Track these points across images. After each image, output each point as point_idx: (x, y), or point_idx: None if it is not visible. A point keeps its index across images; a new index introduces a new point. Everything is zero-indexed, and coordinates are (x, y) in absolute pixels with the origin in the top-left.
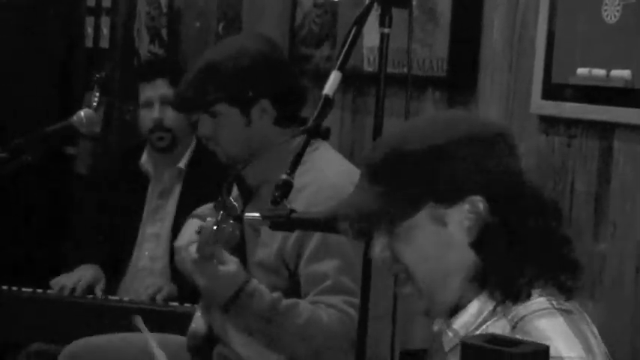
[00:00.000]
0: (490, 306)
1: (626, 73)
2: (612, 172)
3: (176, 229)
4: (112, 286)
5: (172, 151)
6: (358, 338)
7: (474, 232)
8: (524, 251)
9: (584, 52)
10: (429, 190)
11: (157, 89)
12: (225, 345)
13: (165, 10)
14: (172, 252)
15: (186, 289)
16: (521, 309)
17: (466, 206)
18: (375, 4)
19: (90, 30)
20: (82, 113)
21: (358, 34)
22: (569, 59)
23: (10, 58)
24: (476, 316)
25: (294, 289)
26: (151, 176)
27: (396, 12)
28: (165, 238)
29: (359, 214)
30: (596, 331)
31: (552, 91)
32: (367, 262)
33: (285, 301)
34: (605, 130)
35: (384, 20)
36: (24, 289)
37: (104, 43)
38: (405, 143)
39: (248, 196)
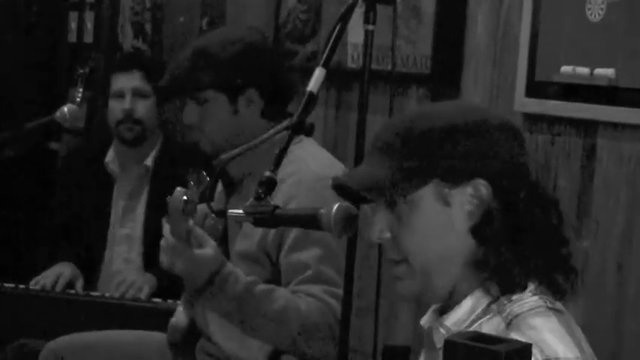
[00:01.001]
0: (484, 303)
1: (609, 72)
2: (595, 170)
3: (147, 230)
4: (86, 289)
5: (140, 145)
6: (341, 331)
7: (475, 217)
8: (523, 242)
9: (568, 50)
10: (436, 166)
11: (130, 80)
12: (208, 339)
13: (149, 5)
14: (146, 254)
15: (165, 282)
16: (516, 307)
17: (469, 189)
18: (360, 1)
19: (73, 25)
20: (65, 109)
21: (342, 31)
22: (553, 57)
23: None
24: (469, 313)
25: (276, 280)
26: (116, 176)
27: (380, 9)
28: (138, 240)
29: (365, 183)
30: (581, 332)
31: (536, 88)
32: (351, 254)
33: (262, 286)
34: (589, 128)
35: (369, 17)
36: (6, 285)
37: (88, 38)
38: (418, 121)
39: (231, 189)
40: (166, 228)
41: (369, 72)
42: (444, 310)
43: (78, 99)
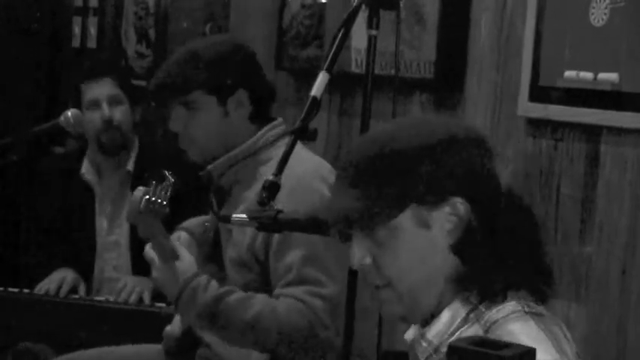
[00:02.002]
0: (463, 313)
1: (613, 76)
2: (599, 175)
3: (134, 235)
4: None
5: (120, 154)
6: (345, 333)
7: (455, 235)
8: (504, 252)
9: (572, 54)
10: (411, 191)
11: (103, 88)
12: (207, 347)
13: (152, 10)
14: (133, 259)
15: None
16: (494, 313)
17: (447, 208)
18: (363, 6)
19: (77, 30)
20: (69, 113)
21: (346, 36)
22: (556, 62)
23: None
24: (448, 325)
25: (267, 284)
26: (93, 186)
27: (383, 14)
28: (125, 246)
29: (340, 215)
30: (568, 334)
31: (539, 93)
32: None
33: (236, 295)
34: (592, 133)
35: (372, 22)
36: (10, 290)
37: (91, 43)
38: (386, 144)
39: (221, 197)
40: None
41: (372, 77)
42: (425, 323)
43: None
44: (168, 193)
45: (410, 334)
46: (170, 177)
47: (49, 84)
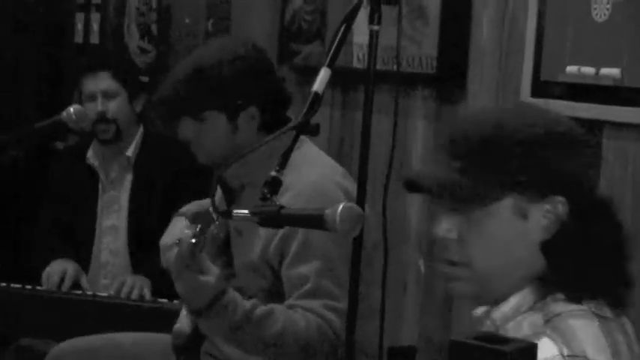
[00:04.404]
0: (530, 301)
1: (615, 72)
2: (601, 170)
3: (132, 220)
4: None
5: (117, 143)
6: (347, 336)
7: (548, 233)
8: (590, 262)
9: (574, 50)
10: (518, 179)
11: (99, 82)
12: (212, 344)
13: (154, 6)
14: (131, 244)
15: (157, 283)
16: (560, 306)
17: (547, 205)
18: (365, 1)
19: (80, 26)
20: (71, 109)
21: (347, 31)
22: (558, 57)
23: (0, 54)
24: (514, 310)
25: (278, 289)
26: (97, 169)
27: (385, 9)
28: (123, 230)
29: (445, 189)
30: (636, 347)
31: (541, 88)
32: (357, 255)
33: (260, 309)
34: (594, 128)
35: (374, 17)
36: (13, 285)
37: (94, 39)
38: (502, 128)
39: (231, 198)
40: (173, 252)
41: (374, 72)
42: (495, 303)
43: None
44: (207, 237)
45: (479, 310)
46: (214, 218)
47: (51, 80)
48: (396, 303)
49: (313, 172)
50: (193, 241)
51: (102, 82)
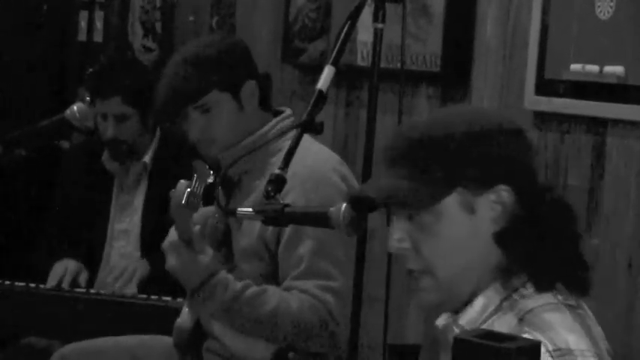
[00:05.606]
0: (496, 301)
1: (619, 69)
2: (605, 168)
3: (145, 225)
4: (87, 285)
5: (131, 158)
6: (352, 326)
7: (499, 224)
8: (545, 246)
9: (578, 47)
10: (460, 174)
11: (111, 107)
12: (215, 339)
13: (158, 4)
14: (143, 248)
15: (159, 270)
16: (529, 302)
17: (492, 196)
18: (369, 0)
19: (83, 24)
20: (75, 107)
21: (352, 29)
22: (562, 55)
23: (4, 52)
24: (481, 312)
25: (277, 273)
26: (115, 174)
27: (389, 7)
28: (135, 235)
29: (388, 195)
30: (600, 330)
31: (546, 86)
32: (361, 253)
33: (252, 290)
34: (598, 125)
35: (378, 15)
36: (17, 284)
37: (98, 37)
38: (434, 129)
39: (229, 188)
40: (173, 231)
41: (378, 70)
42: (457, 310)
43: (87, 98)
44: (202, 189)
45: (442, 320)
46: (210, 172)
47: (55, 78)
48: (400, 302)
49: (310, 158)
50: (189, 190)
51: (113, 107)
